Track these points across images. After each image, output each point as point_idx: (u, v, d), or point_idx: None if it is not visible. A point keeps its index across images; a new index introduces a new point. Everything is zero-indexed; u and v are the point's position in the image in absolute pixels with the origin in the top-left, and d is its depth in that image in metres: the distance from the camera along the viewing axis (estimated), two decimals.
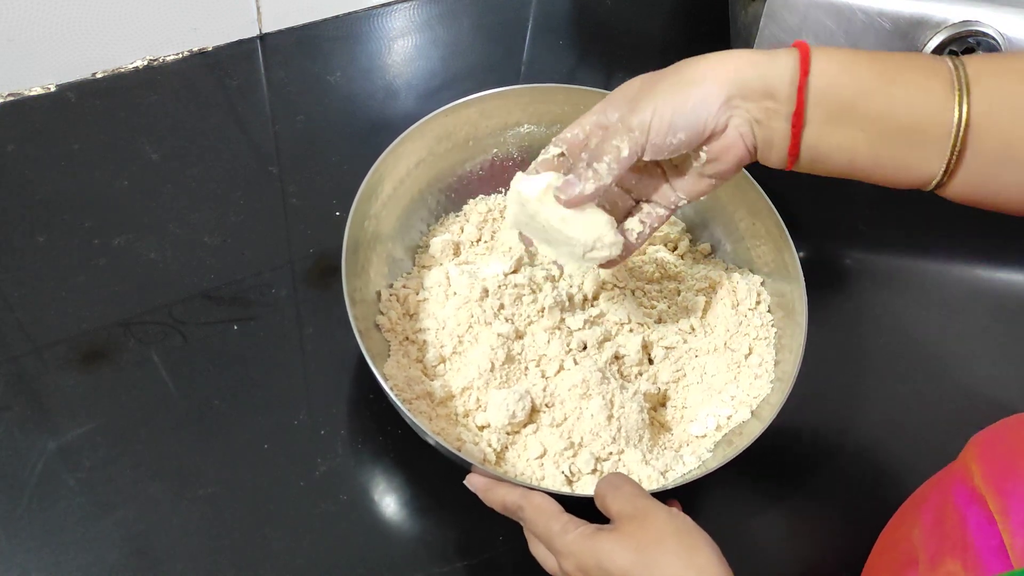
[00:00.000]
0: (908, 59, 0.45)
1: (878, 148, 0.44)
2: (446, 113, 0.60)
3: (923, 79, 0.43)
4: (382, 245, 0.59)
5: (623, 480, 0.46)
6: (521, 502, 0.47)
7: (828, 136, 0.45)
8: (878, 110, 0.43)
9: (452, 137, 0.62)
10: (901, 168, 0.44)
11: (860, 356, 0.66)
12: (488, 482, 0.49)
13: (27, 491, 0.52)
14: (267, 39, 0.76)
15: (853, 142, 0.45)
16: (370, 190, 0.57)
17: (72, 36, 0.67)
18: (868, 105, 0.44)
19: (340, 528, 0.54)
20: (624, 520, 0.44)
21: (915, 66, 0.44)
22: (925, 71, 0.43)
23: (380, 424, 0.57)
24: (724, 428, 0.56)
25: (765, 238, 0.61)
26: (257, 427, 0.56)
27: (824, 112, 0.44)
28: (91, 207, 0.64)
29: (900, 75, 0.44)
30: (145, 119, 0.69)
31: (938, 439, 0.50)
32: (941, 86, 0.43)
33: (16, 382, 0.56)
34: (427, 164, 0.62)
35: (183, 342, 0.59)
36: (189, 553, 0.52)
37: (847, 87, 0.44)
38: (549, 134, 0.64)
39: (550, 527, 0.45)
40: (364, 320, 0.55)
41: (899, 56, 0.45)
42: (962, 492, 0.44)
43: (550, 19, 0.83)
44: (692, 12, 0.87)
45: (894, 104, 0.43)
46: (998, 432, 0.46)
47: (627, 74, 0.50)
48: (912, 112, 0.43)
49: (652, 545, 0.42)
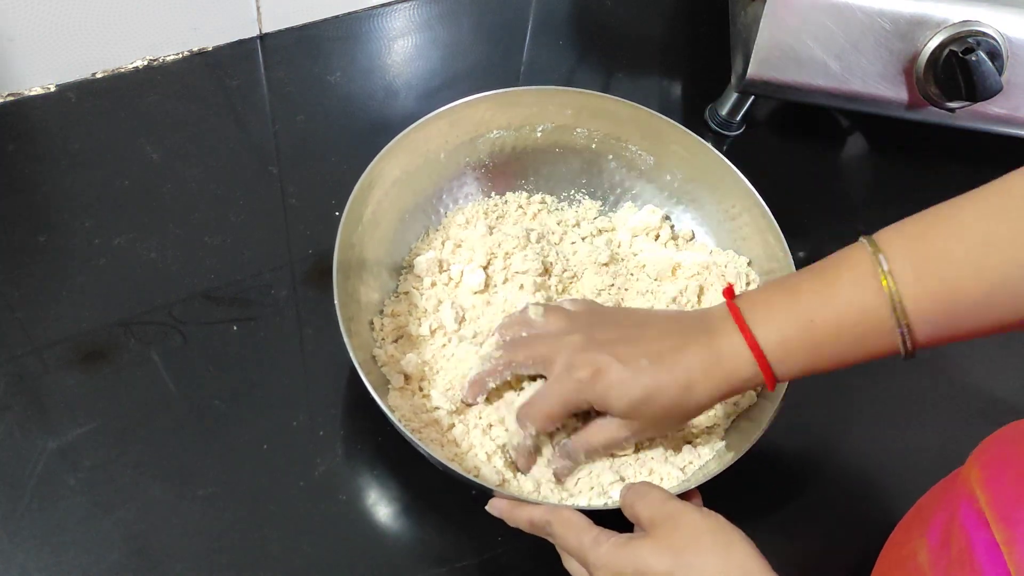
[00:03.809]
0: (834, 279, 0.46)
1: (840, 361, 0.47)
2: (416, 129, 0.59)
3: (854, 293, 0.45)
4: (368, 271, 0.58)
5: (649, 487, 0.46)
6: (549, 517, 0.46)
7: (797, 374, 0.48)
8: (830, 350, 0.46)
9: (424, 153, 0.61)
10: (869, 357, 0.47)
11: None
12: (511, 504, 0.48)
13: (27, 491, 0.53)
14: (267, 39, 0.76)
15: (821, 366, 0.48)
16: (352, 218, 0.56)
17: (72, 36, 0.67)
18: (822, 348, 0.46)
19: (339, 528, 0.54)
20: (656, 525, 0.44)
21: (841, 280, 0.46)
22: (852, 284, 0.45)
23: (379, 425, 0.57)
24: (732, 414, 0.56)
25: (746, 217, 0.61)
26: (257, 427, 0.57)
27: (788, 370, 0.48)
28: (91, 207, 0.64)
29: (833, 306, 0.46)
30: (145, 119, 0.69)
31: (940, 440, 0.50)
32: (870, 289, 0.44)
33: (16, 382, 0.56)
34: (402, 183, 0.61)
35: (183, 342, 0.59)
36: (189, 553, 0.52)
37: (801, 353, 0.47)
38: (519, 136, 0.64)
39: (582, 540, 0.45)
40: (363, 351, 0.54)
41: (823, 278, 0.47)
42: (969, 514, 0.44)
43: (550, 19, 0.83)
44: (692, 12, 0.87)
45: (842, 338, 0.46)
46: (1000, 448, 0.45)
47: (627, 74, 0.51)
48: (854, 329, 0.45)
49: (688, 546, 0.42)
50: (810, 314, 0.46)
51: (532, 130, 0.64)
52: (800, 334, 0.46)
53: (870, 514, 0.56)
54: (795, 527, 0.58)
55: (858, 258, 0.45)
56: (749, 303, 0.48)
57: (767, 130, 0.79)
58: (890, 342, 0.45)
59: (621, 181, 0.66)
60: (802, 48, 0.67)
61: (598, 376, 0.48)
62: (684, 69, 0.83)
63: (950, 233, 0.43)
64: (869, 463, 0.61)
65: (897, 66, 0.67)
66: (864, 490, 0.60)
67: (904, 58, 0.67)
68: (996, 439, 0.46)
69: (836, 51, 0.67)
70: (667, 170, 0.64)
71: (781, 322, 0.47)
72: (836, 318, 0.45)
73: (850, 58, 0.67)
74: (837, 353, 0.46)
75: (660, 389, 0.48)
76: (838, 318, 0.45)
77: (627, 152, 0.65)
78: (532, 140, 0.65)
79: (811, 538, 0.58)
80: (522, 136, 0.64)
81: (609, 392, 0.48)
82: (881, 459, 0.61)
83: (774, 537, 0.57)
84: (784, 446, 0.60)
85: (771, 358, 0.47)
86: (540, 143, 0.65)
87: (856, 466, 0.61)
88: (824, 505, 0.59)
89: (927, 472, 0.51)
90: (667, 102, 0.80)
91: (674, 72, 0.82)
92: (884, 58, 0.67)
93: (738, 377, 0.48)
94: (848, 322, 0.45)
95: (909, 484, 0.52)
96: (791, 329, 0.46)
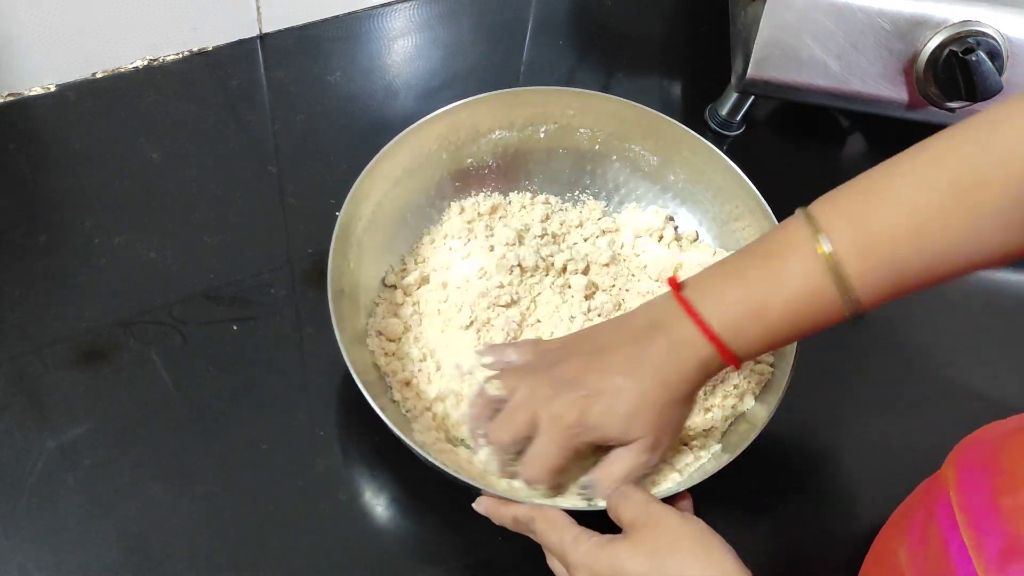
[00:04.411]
0: (780, 264, 0.47)
1: (794, 337, 0.49)
2: (419, 128, 0.59)
3: (801, 278, 0.46)
4: (363, 283, 0.58)
5: (633, 489, 0.46)
6: (532, 515, 0.47)
7: (759, 352, 0.49)
8: (783, 331, 0.47)
9: (427, 151, 0.61)
10: (819, 328, 0.48)
11: (855, 356, 0.66)
12: (496, 501, 0.48)
13: (27, 490, 0.53)
14: (267, 39, 0.76)
15: (780, 342, 0.49)
16: (351, 214, 0.56)
17: (72, 36, 0.67)
18: (776, 329, 0.47)
19: (338, 528, 0.54)
20: (637, 527, 0.44)
21: (787, 265, 0.47)
22: (798, 269, 0.46)
23: (378, 424, 0.57)
24: (730, 418, 0.56)
25: (748, 219, 0.61)
26: (256, 427, 0.57)
27: (746, 351, 0.48)
28: (91, 207, 0.64)
29: (783, 291, 0.47)
30: (145, 119, 0.69)
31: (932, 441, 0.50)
32: (816, 271, 0.45)
33: (16, 381, 0.56)
34: (403, 182, 0.60)
35: (183, 342, 0.59)
36: (188, 552, 0.52)
37: (755, 335, 0.47)
38: (523, 136, 0.64)
39: (563, 539, 0.45)
40: (363, 370, 0.54)
41: (768, 264, 0.48)
42: (945, 514, 0.44)
43: (550, 19, 0.83)
44: (692, 12, 0.87)
45: (796, 318, 0.47)
46: (976, 450, 0.46)
47: (627, 74, 0.51)
48: (806, 309, 0.46)
49: (667, 549, 0.42)
50: (761, 300, 0.47)
51: (535, 130, 0.64)
52: (753, 319, 0.47)
53: (865, 517, 0.56)
54: (788, 527, 0.58)
55: (800, 241, 0.46)
56: (698, 293, 0.48)
57: (767, 130, 0.79)
58: (841, 313, 0.46)
59: (625, 182, 0.66)
60: (802, 48, 0.67)
61: (584, 415, 0.48)
62: (684, 69, 0.83)
63: (887, 208, 0.44)
64: (862, 463, 0.61)
65: (897, 66, 0.67)
66: (859, 492, 0.60)
67: (904, 58, 0.66)
68: (972, 440, 0.46)
69: (836, 51, 0.67)
70: (670, 171, 0.64)
71: (733, 310, 0.47)
72: (786, 302, 0.46)
73: (850, 58, 0.67)
74: (792, 331, 0.48)
75: (643, 397, 0.48)
76: (788, 302, 0.46)
77: (630, 153, 0.65)
78: (535, 140, 0.65)
79: (803, 540, 0.58)
80: (525, 136, 0.64)
81: (600, 424, 0.48)
82: (874, 460, 0.61)
83: (766, 538, 0.58)
84: (778, 448, 0.60)
85: (728, 343, 0.47)
86: (543, 143, 0.65)
87: (849, 467, 0.61)
88: (819, 507, 0.59)
89: (922, 473, 0.51)
90: (667, 102, 0.80)
91: (674, 72, 0.82)
92: (884, 58, 0.67)
93: (704, 364, 0.48)
94: (799, 304, 0.46)
95: (900, 485, 0.52)
96: (744, 316, 0.47)
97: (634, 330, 0.49)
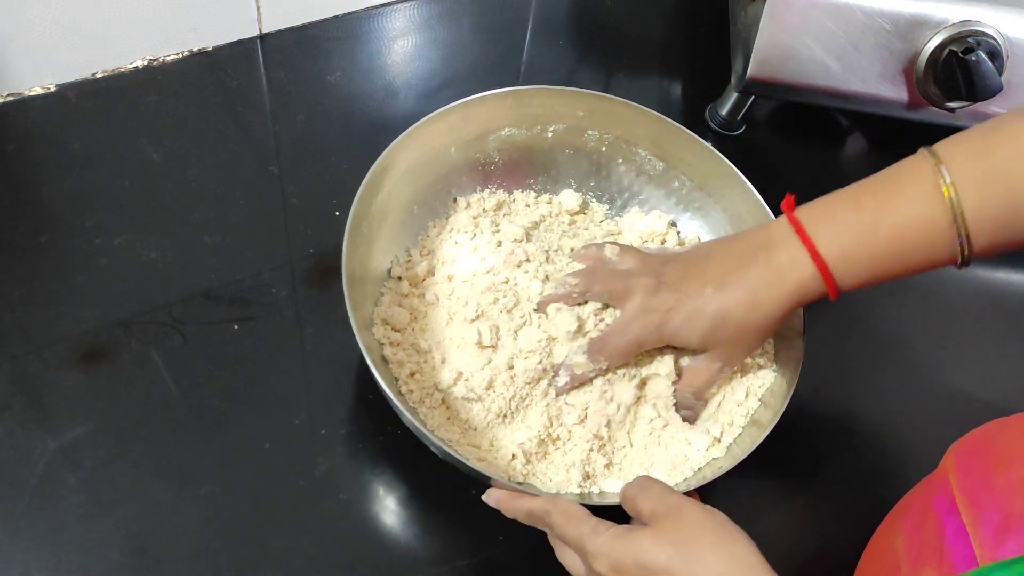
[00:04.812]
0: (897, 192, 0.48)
1: (899, 272, 0.49)
2: (428, 123, 0.59)
3: (917, 206, 0.46)
4: (374, 272, 0.58)
5: (651, 481, 0.46)
6: (548, 507, 0.46)
7: (859, 284, 0.50)
8: (891, 260, 0.48)
9: (434, 146, 0.61)
10: (925, 268, 0.48)
11: (855, 357, 0.66)
12: (509, 494, 0.49)
13: (27, 490, 0.53)
14: (267, 39, 0.76)
15: (882, 276, 0.49)
16: (362, 205, 0.56)
17: (72, 36, 0.67)
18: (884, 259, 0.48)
19: (340, 527, 0.54)
20: (659, 517, 0.44)
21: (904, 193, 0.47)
22: (915, 196, 0.47)
23: (380, 424, 0.58)
24: (738, 425, 0.56)
25: (748, 221, 0.61)
26: (257, 427, 0.57)
27: (850, 280, 0.49)
28: (91, 207, 0.64)
29: (896, 217, 0.47)
30: (145, 119, 0.69)
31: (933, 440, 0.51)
32: (932, 200, 0.46)
33: (16, 382, 0.56)
34: (410, 175, 0.60)
35: (183, 342, 0.59)
36: (189, 552, 0.52)
37: (862, 263, 0.48)
38: (530, 135, 0.64)
39: (580, 530, 0.45)
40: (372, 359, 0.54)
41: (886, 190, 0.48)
42: (942, 501, 0.44)
43: (550, 19, 0.83)
44: (692, 12, 0.87)
45: (904, 248, 0.47)
46: (976, 440, 0.46)
47: (627, 74, 0.51)
48: (916, 239, 0.47)
49: (690, 540, 0.42)
50: (873, 225, 0.47)
51: (543, 129, 0.64)
52: (862, 245, 0.47)
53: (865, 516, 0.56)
54: (788, 527, 0.58)
55: (921, 171, 0.47)
56: (811, 215, 0.49)
57: (767, 130, 0.79)
58: (948, 254, 0.47)
59: (629, 185, 0.66)
60: (802, 48, 0.67)
61: (670, 315, 0.52)
62: (684, 69, 0.83)
63: (1010, 153, 0.45)
64: (862, 463, 0.61)
65: (897, 66, 0.67)
66: (859, 491, 0.60)
67: (904, 58, 0.67)
68: (974, 434, 0.47)
69: (836, 51, 0.67)
70: (676, 176, 0.64)
71: (844, 233, 0.48)
72: (899, 230, 0.47)
73: (850, 58, 0.67)
74: (897, 264, 0.48)
75: (727, 312, 0.50)
76: (901, 230, 0.47)
77: (636, 156, 0.65)
78: (543, 139, 0.65)
79: (803, 539, 0.58)
80: (533, 135, 0.64)
81: (682, 328, 0.52)
82: (874, 460, 0.62)
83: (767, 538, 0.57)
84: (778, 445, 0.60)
85: (833, 269, 0.48)
86: (550, 143, 0.65)
87: (849, 467, 0.61)
88: (819, 506, 0.59)
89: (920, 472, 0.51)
90: (667, 102, 0.80)
91: (674, 72, 0.82)
92: (884, 58, 0.67)
93: (801, 289, 0.49)
94: (910, 233, 0.47)
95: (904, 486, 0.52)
96: (854, 240, 0.48)
97: (743, 247, 0.52)
